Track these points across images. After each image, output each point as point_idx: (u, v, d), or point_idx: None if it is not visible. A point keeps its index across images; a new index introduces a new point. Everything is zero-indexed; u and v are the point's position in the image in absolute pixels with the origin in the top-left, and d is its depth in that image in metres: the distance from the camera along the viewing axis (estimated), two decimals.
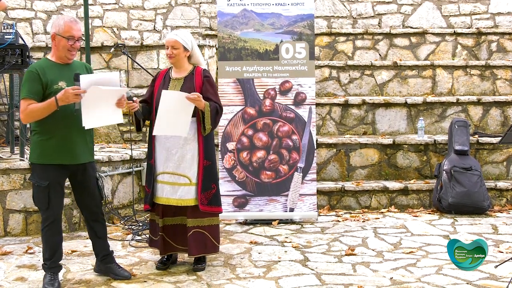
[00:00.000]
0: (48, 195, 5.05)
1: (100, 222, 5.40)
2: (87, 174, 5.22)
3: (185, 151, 5.53)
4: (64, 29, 4.99)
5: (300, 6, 7.41)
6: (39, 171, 5.06)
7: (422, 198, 8.04)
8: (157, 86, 5.66)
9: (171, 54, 5.60)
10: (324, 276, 5.45)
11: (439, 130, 9.04)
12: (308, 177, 7.33)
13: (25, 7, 10.86)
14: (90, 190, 5.27)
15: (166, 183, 5.57)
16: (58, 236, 5.18)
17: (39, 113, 4.92)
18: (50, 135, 5.00)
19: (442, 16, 10.97)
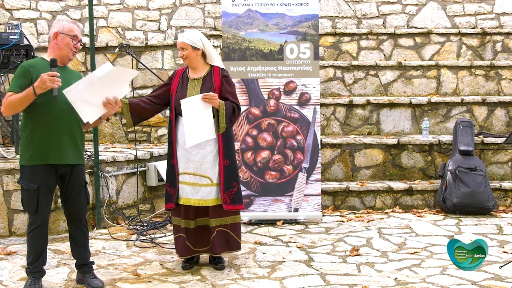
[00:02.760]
0: (37, 199, 4.94)
1: (81, 229, 5.20)
2: (73, 176, 5.08)
3: (205, 152, 5.55)
4: (68, 28, 5.00)
5: (305, 6, 7.41)
6: (28, 173, 4.95)
7: (427, 198, 8.03)
8: (175, 85, 5.64)
9: (182, 56, 5.61)
10: (328, 276, 5.45)
11: (443, 131, 9.02)
12: (312, 177, 7.33)
13: (30, 7, 10.88)
14: (74, 194, 5.12)
15: (186, 183, 5.59)
16: (43, 241, 5.07)
17: (18, 103, 4.82)
18: (37, 134, 4.90)
19: (447, 16, 10.96)
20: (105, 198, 7.24)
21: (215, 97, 5.40)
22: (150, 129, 8.91)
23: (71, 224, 5.20)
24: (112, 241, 6.66)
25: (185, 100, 5.41)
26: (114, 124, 8.95)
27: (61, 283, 5.35)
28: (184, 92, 5.57)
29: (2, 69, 7.09)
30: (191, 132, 5.40)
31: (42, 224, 5.02)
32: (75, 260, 5.30)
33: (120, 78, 4.94)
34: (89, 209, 7.13)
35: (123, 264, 5.86)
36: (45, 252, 5.14)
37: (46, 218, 5.06)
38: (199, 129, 5.42)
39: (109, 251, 6.30)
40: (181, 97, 5.50)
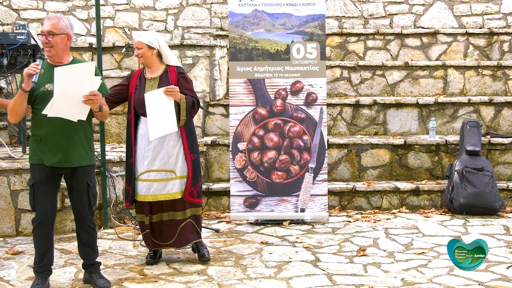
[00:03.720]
0: (33, 196, 4.99)
1: (87, 230, 5.20)
2: (75, 178, 5.06)
3: (169, 146, 5.71)
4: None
5: (311, 6, 7.40)
6: (30, 171, 5.07)
7: (434, 198, 8.01)
8: (133, 86, 5.78)
9: (137, 54, 5.78)
10: (335, 276, 5.45)
11: (450, 131, 9.00)
12: (319, 178, 7.32)
13: (37, 7, 10.90)
14: (77, 195, 5.11)
15: (153, 180, 5.72)
16: (46, 241, 5.07)
17: (14, 105, 4.88)
18: (38, 136, 4.96)
19: (454, 16, 10.93)
20: (112, 198, 7.25)
21: (177, 90, 5.58)
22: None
23: (77, 224, 5.22)
24: (119, 241, 6.68)
25: (148, 93, 5.54)
26: (121, 124, 8.95)
27: (68, 283, 5.36)
28: (142, 92, 5.69)
29: (10, 69, 7.11)
30: (154, 126, 5.49)
31: (43, 222, 5.02)
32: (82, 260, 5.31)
33: (82, 73, 4.82)
34: (96, 209, 7.13)
35: (129, 264, 5.88)
36: (51, 251, 5.14)
37: (46, 217, 5.04)
38: (162, 122, 5.51)
39: (116, 251, 6.31)
40: (139, 97, 5.67)
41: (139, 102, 5.67)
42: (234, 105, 7.35)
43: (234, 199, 7.33)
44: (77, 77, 4.77)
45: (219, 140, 8.46)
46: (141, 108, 5.66)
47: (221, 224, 7.38)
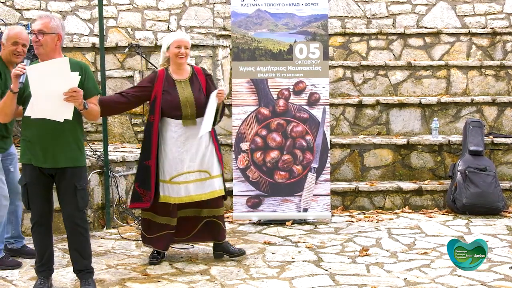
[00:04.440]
0: (27, 195, 4.97)
1: (74, 233, 5.06)
2: (63, 180, 4.98)
3: (203, 148, 5.75)
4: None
5: (314, 6, 7.40)
6: (22, 170, 5.05)
7: (436, 198, 8.01)
8: (160, 87, 5.70)
9: (184, 54, 5.70)
10: (338, 276, 5.45)
11: (453, 131, 8.99)
12: (321, 178, 7.32)
13: (40, 7, 10.91)
14: (64, 197, 5.02)
15: (190, 181, 5.75)
16: (44, 239, 5.04)
17: (3, 106, 4.90)
18: (27, 136, 4.94)
19: (457, 16, 10.92)
20: (115, 198, 7.26)
21: (224, 93, 5.70)
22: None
23: (66, 226, 5.10)
24: (122, 240, 6.68)
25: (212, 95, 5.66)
26: (123, 124, 8.96)
27: (70, 283, 5.37)
28: (175, 94, 5.67)
29: None
30: (206, 124, 5.60)
31: (40, 221, 5.01)
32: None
33: (57, 70, 4.72)
34: (99, 209, 7.16)
35: (132, 264, 5.88)
36: (50, 249, 5.11)
37: (43, 215, 5.02)
38: (206, 122, 5.61)
39: (119, 251, 6.32)
40: (171, 100, 5.64)
41: (172, 104, 5.65)
42: (237, 105, 7.35)
43: (237, 199, 7.33)
44: (52, 74, 4.69)
45: (221, 140, 8.45)
46: (174, 110, 5.65)
47: None
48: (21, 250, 6.09)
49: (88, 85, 4.96)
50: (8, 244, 6.07)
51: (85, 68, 5.04)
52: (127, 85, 8.90)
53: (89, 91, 4.96)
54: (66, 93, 4.70)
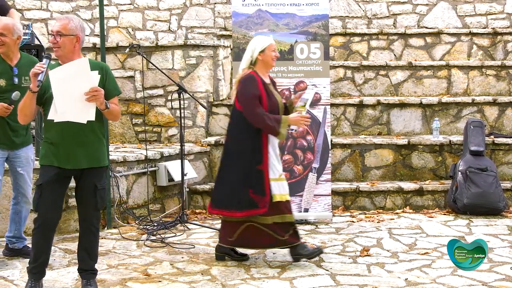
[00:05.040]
0: (39, 196, 4.93)
1: (88, 233, 5.07)
2: (83, 179, 4.98)
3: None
4: None
5: (315, 7, 7.40)
6: (40, 172, 5.00)
7: (437, 199, 8.01)
8: (263, 93, 5.71)
9: (276, 56, 5.90)
10: (338, 276, 5.45)
11: (454, 131, 8.99)
12: (322, 178, 7.32)
13: (41, 7, 10.91)
14: (84, 197, 5.01)
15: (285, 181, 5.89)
16: (44, 243, 5.01)
17: (22, 106, 4.87)
18: (49, 138, 4.92)
19: (458, 16, 10.92)
20: (116, 198, 7.26)
21: None
22: (161, 129, 8.92)
23: (80, 226, 5.11)
24: (123, 241, 6.68)
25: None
26: (124, 124, 8.96)
27: (71, 283, 5.37)
28: (274, 98, 5.80)
29: None
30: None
31: (42, 224, 4.95)
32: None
33: (77, 71, 4.71)
34: None
35: (133, 264, 5.88)
36: (47, 253, 5.05)
37: (47, 218, 4.97)
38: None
39: (120, 251, 6.32)
40: (273, 103, 5.74)
41: (274, 108, 5.72)
42: None
43: None
44: (73, 76, 4.69)
45: (222, 140, 8.44)
46: (275, 113, 5.70)
47: None
48: (22, 250, 6.09)
49: (109, 85, 4.96)
50: (10, 243, 6.08)
51: (106, 68, 5.05)
52: (128, 85, 8.92)
53: (110, 91, 4.96)
54: (87, 93, 4.69)
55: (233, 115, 5.86)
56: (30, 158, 5.95)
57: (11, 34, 5.75)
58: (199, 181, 8.28)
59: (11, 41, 5.77)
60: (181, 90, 7.36)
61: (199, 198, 8.14)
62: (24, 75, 5.78)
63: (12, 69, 5.81)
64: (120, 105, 8.31)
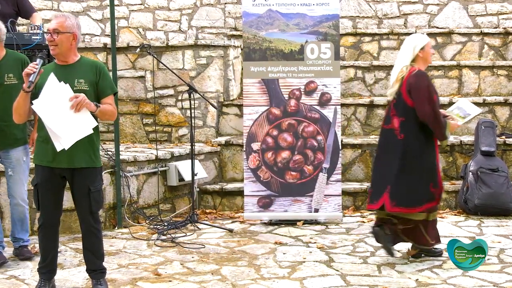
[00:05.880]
0: (37, 196, 4.95)
1: (88, 235, 5.05)
2: (75, 180, 4.94)
3: None
4: None
5: (325, 6, 7.38)
6: (35, 171, 5.01)
7: (448, 199, 7.97)
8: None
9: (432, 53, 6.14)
10: (349, 277, 5.44)
11: (465, 131, 8.94)
12: (333, 178, 7.30)
13: (52, 8, 10.94)
14: (78, 199, 4.99)
15: None
16: (49, 241, 5.03)
17: (16, 106, 4.86)
18: (41, 137, 4.91)
19: (469, 16, 10.87)
20: (126, 197, 7.27)
21: None
22: (171, 129, 8.93)
23: (82, 226, 5.10)
24: (133, 240, 6.70)
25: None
26: (135, 124, 8.98)
27: (82, 282, 5.39)
28: None
29: None
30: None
31: (47, 223, 4.99)
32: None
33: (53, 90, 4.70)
34: (110, 209, 7.18)
35: (144, 264, 5.89)
36: (54, 251, 5.08)
37: (51, 218, 5.01)
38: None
39: (130, 251, 6.34)
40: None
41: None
42: (248, 105, 7.35)
43: (248, 199, 7.33)
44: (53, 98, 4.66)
45: (233, 140, 8.46)
46: None
47: (234, 224, 7.39)
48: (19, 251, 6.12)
49: (103, 84, 4.93)
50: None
51: (101, 67, 5.01)
52: (139, 85, 8.94)
53: (104, 90, 4.94)
54: (71, 106, 4.66)
55: (402, 112, 5.79)
56: (21, 159, 5.93)
57: None
58: (209, 181, 8.28)
59: None
60: (191, 90, 7.37)
61: (209, 198, 8.14)
62: (7, 72, 5.81)
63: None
64: (130, 105, 8.41)
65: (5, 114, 5.69)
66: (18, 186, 5.94)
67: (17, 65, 5.82)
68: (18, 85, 5.59)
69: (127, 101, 8.97)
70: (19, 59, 5.89)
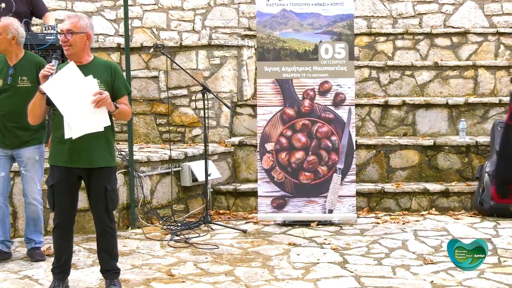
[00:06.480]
0: (53, 197, 4.95)
1: (103, 234, 5.05)
2: (92, 180, 4.95)
3: None
4: None
5: (340, 6, 7.35)
6: (50, 171, 5.02)
7: (464, 200, 7.92)
8: None
9: None
10: (363, 278, 5.41)
11: (481, 132, 8.88)
12: (347, 179, 7.27)
13: (66, 8, 10.98)
14: (94, 198, 5.00)
15: None
16: (63, 242, 5.03)
17: (32, 107, 4.88)
18: (57, 137, 4.91)
19: (485, 15, 10.79)
20: (140, 198, 7.26)
21: None
22: (185, 129, 8.93)
23: (95, 227, 5.12)
24: (146, 241, 6.69)
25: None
26: (148, 124, 8.98)
27: (96, 282, 5.39)
28: None
29: None
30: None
31: (62, 223, 4.99)
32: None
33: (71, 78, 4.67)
34: (124, 209, 7.17)
35: (157, 264, 5.88)
36: (68, 252, 5.08)
37: (66, 218, 5.01)
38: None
39: (143, 251, 6.33)
40: None
41: None
42: (262, 106, 7.33)
43: (262, 199, 7.31)
44: (69, 85, 4.65)
45: (246, 141, 8.45)
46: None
47: (248, 225, 7.37)
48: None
49: (118, 84, 4.93)
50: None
51: (115, 67, 5.01)
52: (152, 86, 8.95)
53: (119, 90, 4.94)
54: (93, 101, 4.66)
55: None
56: (34, 158, 5.93)
57: (5, 33, 5.81)
58: (223, 182, 8.26)
59: (6, 40, 5.81)
60: (205, 90, 7.36)
61: (222, 199, 8.12)
62: (21, 75, 5.84)
63: (9, 69, 5.86)
64: (143, 105, 8.41)
65: (15, 116, 5.76)
66: (30, 185, 5.94)
67: (32, 68, 5.84)
68: (31, 89, 5.67)
69: (140, 101, 8.97)
70: (35, 62, 5.90)
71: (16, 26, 5.87)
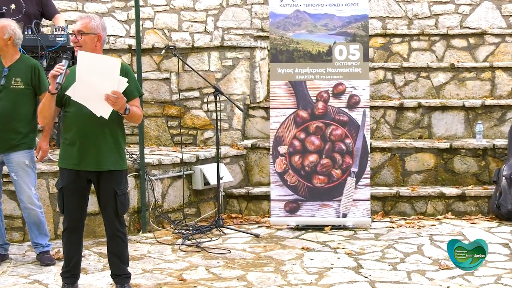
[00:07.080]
0: (62, 200, 4.93)
1: (114, 238, 5.03)
2: (101, 184, 4.92)
3: None
4: None
5: (354, 7, 7.28)
6: (59, 174, 5.02)
7: (480, 204, 7.81)
8: None
9: None
10: (378, 284, 5.35)
11: (498, 134, 8.77)
12: (361, 182, 7.19)
13: (77, 9, 10.97)
14: (104, 202, 4.97)
15: None
16: (72, 246, 5.02)
17: (42, 108, 4.87)
18: (67, 139, 4.90)
19: (502, 16, 10.69)
20: (151, 201, 7.22)
21: None
22: (196, 132, 8.87)
23: (106, 231, 5.09)
24: (158, 245, 6.65)
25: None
26: (160, 126, 8.93)
27: (106, 287, 5.38)
28: None
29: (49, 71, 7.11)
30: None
31: (71, 227, 4.98)
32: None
33: (106, 67, 4.67)
34: (135, 213, 7.13)
35: (168, 269, 5.84)
36: (77, 256, 5.07)
37: (76, 222, 4.99)
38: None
39: (155, 255, 6.29)
40: None
41: None
42: (275, 108, 7.26)
43: (275, 203, 7.24)
44: (99, 68, 4.65)
45: (259, 143, 8.39)
46: None
47: (261, 229, 7.31)
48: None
49: (130, 86, 4.88)
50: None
51: (127, 69, 4.99)
52: (164, 87, 8.90)
53: (130, 92, 4.90)
54: (108, 95, 4.63)
55: None
56: (24, 163, 5.87)
57: (2, 33, 5.80)
58: (235, 185, 8.21)
59: (2, 40, 5.80)
60: (217, 92, 7.32)
61: (235, 202, 8.07)
62: (15, 76, 5.83)
63: (3, 70, 5.85)
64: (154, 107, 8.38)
65: (5, 117, 5.75)
66: (23, 190, 5.91)
67: (27, 71, 5.86)
68: (24, 91, 5.78)
69: (151, 103, 8.92)
70: (30, 65, 5.90)
71: (13, 27, 5.88)
